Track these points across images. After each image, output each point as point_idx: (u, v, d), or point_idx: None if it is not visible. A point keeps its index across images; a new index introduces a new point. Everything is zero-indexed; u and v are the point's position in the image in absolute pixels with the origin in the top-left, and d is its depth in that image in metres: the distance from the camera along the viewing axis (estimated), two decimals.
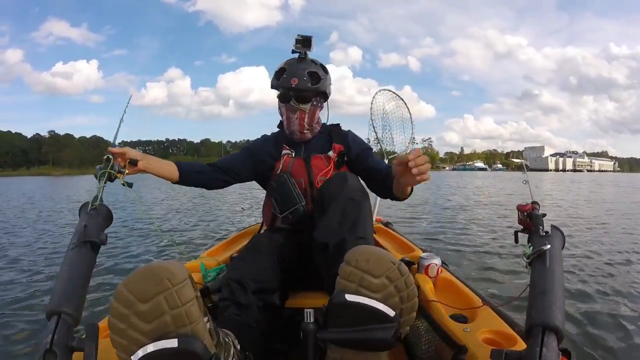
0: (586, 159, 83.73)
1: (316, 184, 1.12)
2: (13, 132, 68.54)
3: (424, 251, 1.26)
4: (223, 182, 1.21)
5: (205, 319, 0.58)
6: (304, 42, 1.14)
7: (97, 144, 69.99)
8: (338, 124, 1.27)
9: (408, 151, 2.41)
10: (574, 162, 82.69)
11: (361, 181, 1.08)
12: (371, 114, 2.30)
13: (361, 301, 0.63)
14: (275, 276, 0.92)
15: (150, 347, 0.52)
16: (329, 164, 1.15)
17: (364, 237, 0.90)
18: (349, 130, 1.26)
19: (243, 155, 1.23)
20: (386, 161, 2.32)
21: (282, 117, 1.21)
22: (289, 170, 1.15)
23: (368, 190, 1.14)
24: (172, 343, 0.51)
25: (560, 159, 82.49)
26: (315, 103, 1.16)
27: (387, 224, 1.97)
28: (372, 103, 2.31)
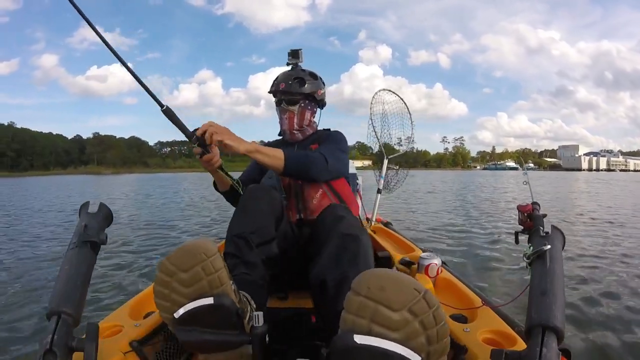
0: (621, 158, 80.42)
1: (299, 180, 1.19)
2: (54, 133, 71.34)
3: (424, 251, 1.27)
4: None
5: (231, 282, 0.67)
6: (294, 54, 1.31)
7: (136, 144, 73.28)
8: (328, 129, 1.36)
9: (408, 150, 2.41)
10: (607, 161, 78.94)
11: (356, 217, 1.04)
12: (371, 114, 2.30)
13: (376, 344, 0.49)
14: (271, 224, 0.95)
15: (190, 305, 0.63)
16: None
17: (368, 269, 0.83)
18: (336, 131, 1.33)
19: (253, 164, 1.34)
20: (386, 161, 2.32)
21: (279, 120, 1.32)
22: None
23: (363, 192, 1.18)
24: (209, 300, 0.63)
25: (594, 158, 78.86)
26: (302, 105, 1.27)
27: (387, 224, 1.97)
28: (371, 103, 2.31)
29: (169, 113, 0.91)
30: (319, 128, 1.36)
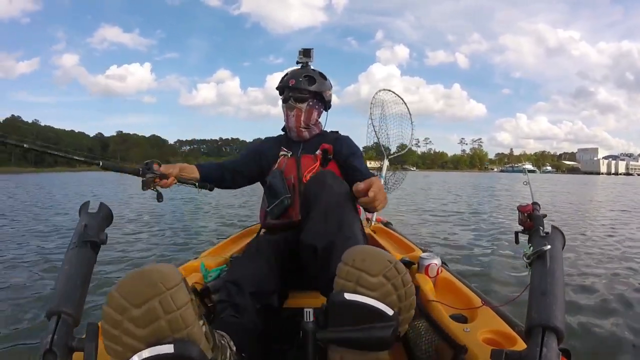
0: None
1: (304, 179, 1.20)
2: (76, 131, 74.96)
3: (424, 251, 1.27)
4: (225, 182, 1.32)
5: (201, 322, 0.56)
6: (305, 53, 1.32)
7: (157, 142, 76.70)
8: (336, 131, 1.39)
9: (408, 147, 2.41)
10: (626, 165, 78.90)
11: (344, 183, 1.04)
12: (370, 114, 2.30)
13: (360, 300, 0.63)
14: (273, 278, 0.93)
15: (146, 353, 0.51)
16: (315, 161, 1.24)
17: (351, 236, 0.88)
18: (346, 136, 1.36)
19: (249, 156, 1.34)
20: (386, 161, 2.32)
21: (284, 117, 1.32)
22: (282, 168, 1.24)
23: None
24: (168, 349, 0.51)
25: (613, 162, 78.76)
26: (311, 104, 1.28)
27: (387, 224, 1.97)
28: (371, 103, 2.31)
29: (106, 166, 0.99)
30: (325, 129, 1.38)
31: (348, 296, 0.64)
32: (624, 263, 2.73)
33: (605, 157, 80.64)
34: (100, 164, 0.97)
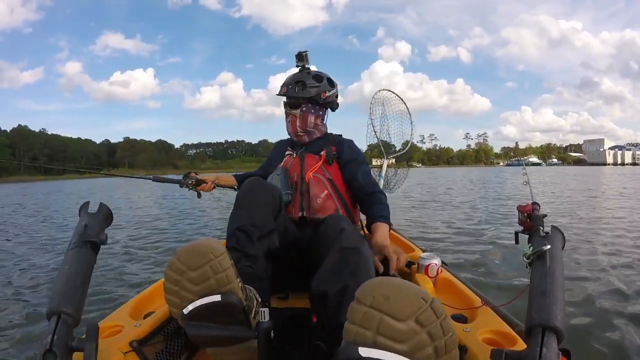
0: None
1: (306, 178, 1.22)
2: (83, 138, 75.49)
3: (424, 251, 1.27)
4: None
5: (238, 279, 0.69)
6: (299, 57, 1.32)
7: (163, 147, 77.98)
8: (340, 135, 1.40)
9: (408, 147, 2.41)
10: (633, 155, 76.31)
11: (356, 228, 1.08)
12: (370, 113, 2.30)
13: (381, 357, 0.47)
14: (270, 216, 0.98)
15: (199, 302, 0.65)
16: (319, 161, 1.26)
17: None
18: (350, 140, 1.37)
19: (269, 161, 1.44)
20: (386, 161, 2.32)
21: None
22: (287, 167, 1.28)
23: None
24: (217, 298, 0.65)
25: (619, 152, 76.63)
26: (304, 109, 1.29)
27: None
28: (371, 103, 2.31)
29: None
30: (330, 131, 1.38)
31: (364, 352, 0.47)
32: (624, 262, 2.73)
33: (612, 148, 79.34)
34: (152, 178, 1.30)
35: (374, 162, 2.29)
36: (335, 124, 1.40)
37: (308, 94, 1.27)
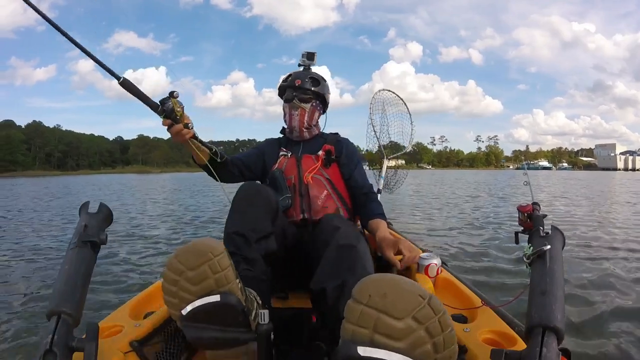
0: None
1: (304, 180, 1.21)
2: (96, 135, 76.60)
3: (424, 251, 1.27)
4: (233, 176, 1.28)
5: (237, 280, 0.68)
6: (309, 56, 1.36)
7: (176, 144, 76.30)
8: (337, 133, 1.40)
9: (409, 149, 2.41)
10: None
11: (354, 225, 1.07)
12: (370, 113, 2.30)
13: (379, 356, 0.47)
14: (267, 220, 0.96)
15: (198, 302, 0.64)
16: (317, 162, 1.25)
17: (364, 275, 0.82)
18: (346, 139, 1.38)
19: (255, 153, 1.35)
20: (386, 161, 2.32)
21: (285, 117, 1.33)
22: (282, 168, 1.25)
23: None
24: (216, 298, 0.64)
25: (630, 157, 76.23)
26: (314, 105, 1.30)
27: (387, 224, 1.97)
28: (371, 103, 2.31)
29: (127, 85, 0.89)
30: (337, 130, 1.40)
31: (362, 351, 0.47)
32: (624, 262, 2.74)
33: (623, 153, 79.08)
34: (121, 79, 0.89)
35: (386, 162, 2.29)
36: (345, 124, 1.43)
37: (321, 90, 1.29)
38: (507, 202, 7.35)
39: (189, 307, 0.65)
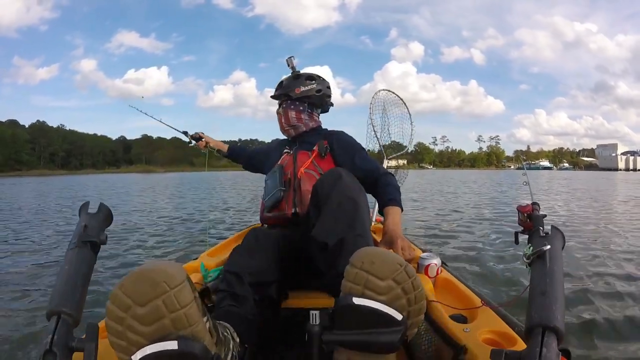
0: None
1: (298, 175, 1.25)
2: (99, 134, 77.04)
3: (424, 251, 1.27)
4: (253, 168, 1.65)
5: (205, 318, 0.58)
6: (287, 62, 1.45)
7: (180, 143, 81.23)
8: (333, 130, 1.44)
9: (409, 149, 2.41)
10: None
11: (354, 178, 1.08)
12: (370, 114, 2.30)
13: (367, 304, 0.63)
14: (272, 269, 0.94)
15: (149, 349, 0.51)
16: (310, 156, 1.29)
17: (362, 234, 0.91)
18: (341, 131, 1.41)
19: (261, 151, 1.63)
20: (386, 162, 2.32)
21: None
22: (283, 164, 1.33)
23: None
24: (172, 345, 0.51)
25: (631, 158, 75.32)
26: (284, 106, 1.37)
27: None
28: (371, 103, 2.31)
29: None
30: (340, 128, 1.44)
31: (356, 300, 0.63)
32: (624, 262, 2.73)
33: (624, 153, 78.73)
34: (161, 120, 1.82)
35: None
36: (347, 123, 1.44)
37: (284, 90, 1.36)
38: (507, 203, 7.34)
39: (139, 354, 0.52)
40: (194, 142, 1.75)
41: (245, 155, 1.71)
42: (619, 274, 2.43)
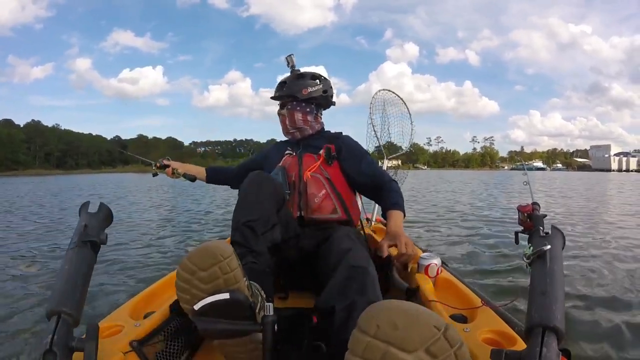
0: None
1: (304, 178, 1.22)
2: (94, 134, 77.03)
3: (424, 251, 1.27)
4: (231, 183, 1.55)
5: (245, 279, 0.73)
6: (287, 60, 1.40)
7: (174, 144, 79.70)
8: (340, 132, 1.42)
9: (408, 149, 2.41)
10: (638, 161, 76.03)
11: (363, 248, 1.05)
12: (370, 114, 2.30)
13: None
14: (273, 210, 0.99)
15: (209, 299, 0.68)
16: (317, 160, 1.27)
17: (375, 301, 0.79)
18: (346, 135, 1.39)
19: (260, 158, 1.49)
20: (386, 162, 2.32)
21: None
22: (286, 166, 1.28)
23: (366, 199, 1.31)
24: (225, 296, 0.68)
25: (624, 159, 76.65)
26: (289, 107, 1.33)
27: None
28: (371, 103, 2.31)
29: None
30: (337, 129, 1.41)
31: None
32: (624, 262, 2.73)
33: (617, 154, 78.83)
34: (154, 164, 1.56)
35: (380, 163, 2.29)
36: (343, 123, 1.35)
37: (289, 91, 1.31)
38: (508, 202, 7.35)
39: (200, 303, 0.69)
40: (158, 172, 1.57)
41: (230, 175, 1.57)
42: (619, 274, 2.43)
